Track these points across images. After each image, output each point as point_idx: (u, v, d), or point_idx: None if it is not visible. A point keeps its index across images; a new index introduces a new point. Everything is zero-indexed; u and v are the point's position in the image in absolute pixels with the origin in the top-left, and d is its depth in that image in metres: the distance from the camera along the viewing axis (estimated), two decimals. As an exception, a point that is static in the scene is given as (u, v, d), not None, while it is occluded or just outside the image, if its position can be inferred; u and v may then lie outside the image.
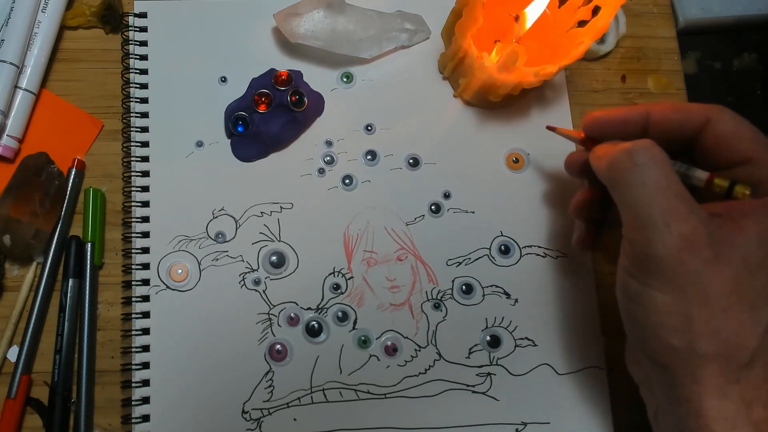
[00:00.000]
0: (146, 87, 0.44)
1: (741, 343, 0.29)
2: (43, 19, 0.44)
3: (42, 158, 0.42)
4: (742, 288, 0.29)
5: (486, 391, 0.42)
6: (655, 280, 0.31)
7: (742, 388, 0.29)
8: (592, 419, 0.42)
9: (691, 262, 0.29)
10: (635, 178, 0.31)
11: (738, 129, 0.33)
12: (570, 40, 0.42)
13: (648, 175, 0.31)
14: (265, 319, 0.42)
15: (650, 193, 0.31)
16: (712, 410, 0.29)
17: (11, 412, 0.39)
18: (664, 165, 0.31)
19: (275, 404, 0.41)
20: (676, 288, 0.30)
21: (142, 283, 0.41)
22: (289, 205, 0.44)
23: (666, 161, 0.31)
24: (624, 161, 0.32)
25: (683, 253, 0.29)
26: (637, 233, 0.31)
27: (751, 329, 0.29)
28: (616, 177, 0.33)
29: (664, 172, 0.31)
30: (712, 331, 0.29)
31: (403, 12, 0.47)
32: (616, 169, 0.33)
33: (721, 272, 0.29)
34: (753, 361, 0.29)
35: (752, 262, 0.30)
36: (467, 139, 0.46)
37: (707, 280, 0.29)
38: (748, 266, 0.29)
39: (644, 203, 0.31)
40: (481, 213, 0.45)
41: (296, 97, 0.43)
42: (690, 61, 0.53)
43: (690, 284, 0.30)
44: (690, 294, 0.30)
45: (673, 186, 0.31)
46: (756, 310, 0.29)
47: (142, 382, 0.40)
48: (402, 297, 0.43)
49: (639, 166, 0.31)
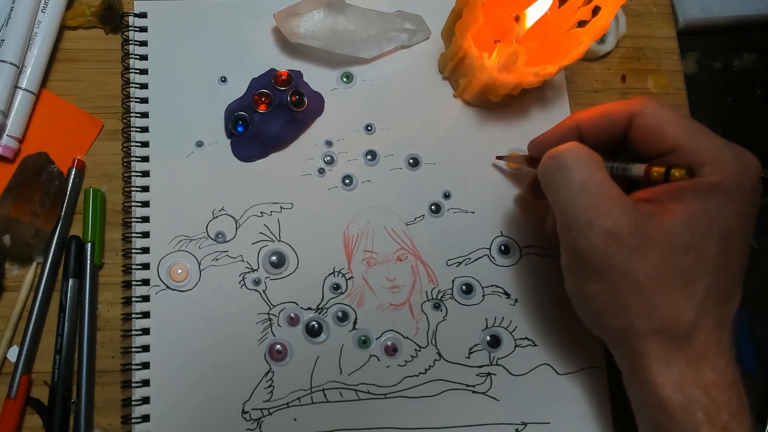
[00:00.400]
0: (146, 87, 0.44)
1: (676, 317, 0.32)
2: (43, 19, 0.44)
3: (42, 158, 0.42)
4: (671, 268, 0.31)
5: (486, 391, 0.42)
6: (588, 273, 0.33)
7: (686, 355, 0.32)
8: (592, 419, 0.42)
9: (616, 254, 0.32)
10: (560, 180, 0.34)
11: (660, 120, 0.34)
12: (570, 41, 0.42)
13: (571, 176, 0.33)
14: (265, 319, 0.42)
15: (574, 193, 0.33)
16: (658, 377, 0.32)
17: (11, 412, 0.39)
18: (588, 164, 0.33)
19: (275, 404, 0.41)
20: (606, 278, 0.33)
21: (142, 283, 0.41)
22: (289, 205, 0.44)
23: (590, 160, 0.33)
24: (550, 165, 0.35)
25: (607, 247, 0.32)
26: (565, 233, 0.34)
27: (685, 304, 0.32)
28: (545, 181, 0.35)
29: (587, 170, 0.33)
30: (646, 311, 0.32)
31: (403, 12, 0.47)
32: (544, 174, 0.35)
33: (647, 258, 0.31)
34: (693, 330, 0.32)
35: (679, 243, 0.31)
36: (467, 139, 0.46)
37: (633, 267, 0.32)
38: (676, 248, 0.31)
39: (569, 203, 0.33)
40: (481, 213, 0.45)
41: (296, 97, 0.43)
42: (690, 61, 0.53)
43: (618, 273, 0.32)
44: (619, 282, 0.32)
45: (596, 183, 0.32)
46: (688, 287, 0.32)
47: (142, 382, 0.40)
48: (402, 297, 0.43)
49: (563, 168, 0.33)
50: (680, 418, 0.32)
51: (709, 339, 0.32)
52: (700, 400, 0.31)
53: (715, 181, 0.31)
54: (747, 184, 0.32)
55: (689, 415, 0.31)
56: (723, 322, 0.32)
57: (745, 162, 0.32)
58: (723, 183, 0.31)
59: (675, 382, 0.32)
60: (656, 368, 0.32)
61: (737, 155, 0.32)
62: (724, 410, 0.31)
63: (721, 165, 0.32)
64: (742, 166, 0.32)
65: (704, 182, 0.32)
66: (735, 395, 0.32)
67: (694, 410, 0.31)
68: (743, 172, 0.32)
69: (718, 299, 0.32)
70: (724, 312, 0.33)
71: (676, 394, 0.32)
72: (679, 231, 0.31)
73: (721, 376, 0.32)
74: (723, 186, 0.31)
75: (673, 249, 0.31)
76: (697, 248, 0.31)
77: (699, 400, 0.31)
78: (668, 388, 0.32)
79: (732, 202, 0.32)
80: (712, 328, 0.32)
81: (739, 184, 0.32)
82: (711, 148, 0.32)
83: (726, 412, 0.31)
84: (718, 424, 0.31)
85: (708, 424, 0.31)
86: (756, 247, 0.50)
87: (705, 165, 0.32)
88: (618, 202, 0.32)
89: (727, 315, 0.33)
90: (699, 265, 0.32)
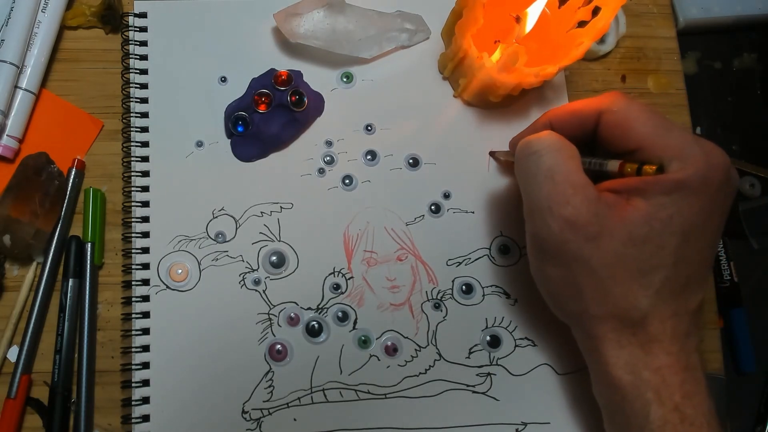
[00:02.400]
0: (146, 87, 0.44)
1: (631, 304, 0.33)
2: (43, 19, 0.44)
3: (42, 158, 0.42)
4: (628, 258, 0.32)
5: (486, 391, 0.42)
6: (547, 257, 0.35)
7: (639, 339, 0.33)
8: (592, 419, 0.42)
9: (573, 241, 0.33)
10: (529, 165, 0.35)
11: (627, 117, 0.34)
12: (570, 41, 0.42)
13: (540, 162, 0.34)
14: (265, 319, 0.42)
15: (539, 180, 0.34)
16: (612, 357, 0.34)
17: (11, 412, 0.39)
18: (559, 151, 0.34)
19: (275, 404, 0.41)
20: (563, 263, 0.34)
21: (142, 283, 0.41)
22: (289, 205, 0.44)
23: (561, 148, 0.34)
24: (522, 151, 0.36)
25: (564, 234, 0.33)
26: (528, 217, 0.35)
27: (641, 292, 0.33)
28: (517, 167, 0.36)
29: (557, 158, 0.34)
30: (600, 297, 0.33)
31: (403, 12, 0.47)
32: (517, 159, 0.36)
33: (604, 246, 0.32)
34: (647, 317, 0.33)
35: (638, 234, 0.32)
36: (467, 139, 0.46)
37: (589, 254, 0.33)
38: (634, 239, 0.32)
39: (534, 189, 0.34)
40: (481, 213, 0.45)
41: (296, 97, 0.43)
42: (690, 61, 0.53)
43: (574, 259, 0.33)
44: (575, 268, 0.33)
45: (563, 171, 0.33)
46: (645, 276, 0.33)
47: (142, 382, 0.40)
48: (402, 297, 0.43)
49: (533, 155, 0.34)
50: (631, 397, 0.33)
51: (664, 326, 0.33)
52: (650, 380, 0.33)
53: (680, 177, 0.32)
54: (714, 180, 0.32)
55: (639, 395, 0.33)
56: (682, 311, 0.33)
57: (712, 158, 0.32)
58: (688, 179, 0.32)
59: (626, 363, 0.33)
60: (609, 350, 0.34)
61: (705, 151, 0.32)
62: (677, 392, 0.32)
63: (688, 162, 0.32)
64: (709, 163, 0.32)
65: (669, 178, 0.32)
66: (690, 379, 0.33)
67: (644, 390, 0.33)
68: (710, 169, 0.32)
69: (677, 290, 0.33)
70: (684, 302, 0.33)
71: (627, 375, 0.33)
72: (638, 223, 0.32)
73: (675, 360, 0.33)
74: (688, 182, 0.32)
75: (631, 240, 0.32)
76: (655, 241, 0.32)
77: (649, 380, 0.33)
78: (619, 369, 0.33)
79: (696, 197, 0.32)
80: (669, 316, 0.33)
81: (705, 180, 0.32)
82: (678, 145, 0.33)
83: (678, 394, 0.32)
84: (669, 404, 0.32)
85: (658, 402, 0.32)
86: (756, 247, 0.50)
87: (672, 161, 0.32)
88: (581, 191, 0.33)
89: (688, 304, 0.34)
90: (657, 257, 0.32)
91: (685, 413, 0.32)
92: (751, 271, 0.50)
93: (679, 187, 0.32)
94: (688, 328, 0.33)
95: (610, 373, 0.34)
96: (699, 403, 0.32)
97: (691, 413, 0.32)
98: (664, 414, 0.32)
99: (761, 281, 0.50)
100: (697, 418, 0.32)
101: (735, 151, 0.52)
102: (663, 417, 0.32)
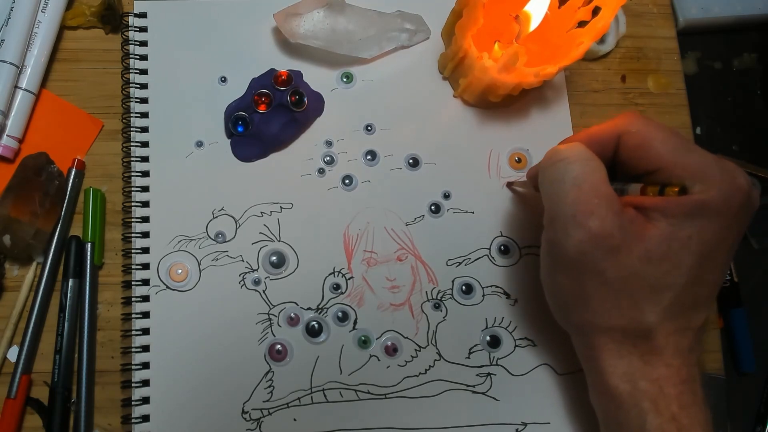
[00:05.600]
0: (146, 87, 0.44)
1: (637, 318, 0.33)
2: (43, 19, 0.44)
3: (42, 158, 0.42)
4: (643, 275, 0.32)
5: (486, 391, 0.42)
6: (560, 265, 0.35)
7: (640, 350, 0.33)
8: (591, 419, 0.42)
9: (591, 252, 0.32)
10: (556, 172, 0.34)
11: (646, 138, 0.34)
12: (570, 41, 0.42)
13: (567, 170, 0.34)
14: (265, 319, 0.42)
15: (566, 187, 0.33)
16: (609, 366, 0.34)
17: (11, 412, 0.39)
18: (587, 162, 0.34)
19: (275, 404, 0.41)
20: (576, 273, 0.34)
21: (142, 283, 0.41)
22: (289, 205, 0.44)
23: (590, 159, 0.34)
24: (550, 157, 0.35)
25: (584, 244, 0.32)
26: (548, 224, 0.35)
27: (649, 308, 0.33)
28: (543, 173, 0.36)
29: (585, 167, 0.33)
30: (607, 309, 0.33)
31: (403, 12, 0.47)
32: (543, 167, 0.36)
33: (620, 260, 0.32)
34: (652, 331, 0.33)
35: (655, 252, 0.32)
36: (467, 139, 0.46)
37: (605, 266, 0.32)
38: (651, 256, 0.32)
39: (559, 196, 0.34)
40: (480, 213, 0.45)
41: (296, 97, 0.43)
42: (690, 61, 0.53)
43: (589, 270, 0.33)
44: (588, 278, 0.33)
45: (591, 181, 0.33)
46: (656, 294, 0.33)
47: (142, 382, 0.40)
48: (402, 297, 0.43)
49: (562, 161, 0.34)
50: (627, 407, 0.33)
51: (667, 340, 0.33)
52: (647, 390, 0.33)
53: (702, 199, 0.32)
54: (734, 202, 0.32)
55: (635, 404, 0.33)
56: (687, 327, 0.33)
57: (734, 181, 0.32)
58: (710, 201, 0.32)
59: (624, 372, 0.33)
60: (607, 359, 0.34)
61: (727, 173, 0.32)
62: (674, 403, 0.32)
63: (711, 183, 0.32)
64: (730, 185, 0.32)
65: (692, 199, 0.32)
66: (689, 391, 0.33)
67: (641, 399, 0.33)
68: (731, 191, 0.32)
69: (686, 308, 0.33)
70: (690, 319, 0.33)
71: (624, 384, 0.33)
72: (657, 242, 0.32)
73: (675, 372, 0.33)
74: (710, 203, 0.32)
75: (648, 257, 0.32)
76: (672, 260, 0.32)
77: (647, 390, 0.33)
78: (617, 378, 0.33)
79: (717, 219, 0.32)
80: (673, 331, 0.33)
81: (727, 202, 0.32)
82: (700, 166, 0.33)
83: (676, 405, 0.32)
84: (666, 414, 0.32)
85: (655, 412, 0.32)
86: (756, 247, 0.50)
87: (695, 182, 0.32)
88: (607, 202, 0.32)
89: (694, 321, 0.33)
90: (671, 276, 0.32)
91: (682, 423, 0.32)
92: (751, 271, 0.50)
93: (700, 209, 0.32)
94: (691, 344, 0.33)
95: (607, 382, 0.34)
96: (695, 413, 0.32)
97: (688, 423, 0.32)
98: (660, 424, 0.32)
99: (761, 281, 0.50)
100: (694, 428, 0.32)
101: (735, 151, 0.52)
102: (660, 427, 0.32)
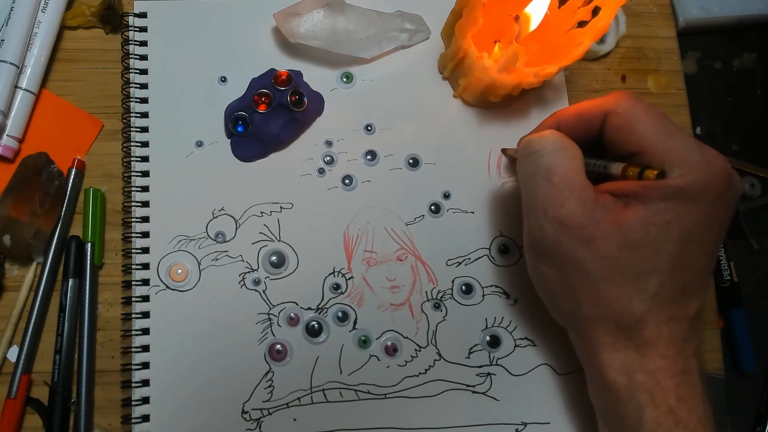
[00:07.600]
0: (146, 87, 0.44)
1: (625, 308, 0.33)
2: (43, 19, 0.44)
3: (42, 158, 0.42)
4: (623, 262, 0.32)
5: (486, 391, 0.42)
6: (541, 257, 0.35)
7: (635, 342, 0.33)
8: (591, 419, 0.42)
9: (566, 242, 0.33)
10: (529, 165, 0.35)
11: (631, 119, 0.34)
12: (570, 41, 0.42)
13: (539, 162, 0.34)
14: (265, 319, 0.42)
15: (538, 180, 0.34)
16: (606, 360, 0.34)
17: (11, 412, 0.39)
18: (560, 152, 0.34)
19: (275, 404, 0.41)
20: (557, 263, 0.34)
21: (142, 283, 0.41)
22: (289, 205, 0.44)
23: (563, 148, 0.34)
24: (523, 150, 0.36)
25: (558, 235, 0.33)
26: (525, 216, 0.35)
27: (636, 296, 0.33)
28: (518, 166, 0.36)
29: (555, 159, 0.34)
30: (594, 299, 0.33)
31: (403, 12, 0.47)
32: (518, 158, 0.36)
33: (598, 249, 0.32)
34: (642, 321, 0.33)
35: (634, 239, 0.32)
36: (467, 139, 0.46)
37: (582, 256, 0.33)
38: (629, 243, 0.32)
39: (532, 189, 0.34)
40: (480, 213, 0.45)
41: (296, 97, 0.43)
42: (690, 61, 0.53)
43: (568, 260, 0.33)
44: (569, 268, 0.33)
45: (562, 172, 0.33)
46: (640, 281, 0.32)
47: (142, 382, 0.40)
48: (402, 297, 0.43)
49: (534, 154, 0.34)
50: (625, 400, 0.33)
51: (660, 330, 0.33)
52: (644, 383, 0.33)
53: (680, 183, 0.32)
54: (714, 188, 0.32)
55: (633, 397, 0.33)
56: (679, 316, 0.33)
57: (713, 166, 0.32)
58: (688, 186, 0.32)
59: (621, 365, 0.33)
60: (603, 352, 0.34)
61: (706, 159, 0.32)
62: (671, 395, 0.32)
63: (689, 168, 0.32)
64: (709, 171, 0.32)
65: (668, 184, 0.32)
66: (686, 383, 0.33)
67: (638, 392, 0.33)
68: (710, 177, 0.32)
69: (675, 295, 0.33)
70: (682, 307, 0.33)
71: (621, 377, 0.33)
72: (635, 228, 0.32)
73: (671, 364, 0.33)
74: (687, 189, 0.32)
75: (626, 244, 0.32)
76: (651, 246, 0.32)
77: (643, 383, 0.33)
78: (614, 371, 0.33)
79: (696, 205, 0.32)
80: (665, 320, 0.33)
81: (705, 188, 0.32)
82: (680, 151, 0.32)
83: (673, 397, 0.32)
84: (663, 407, 0.32)
85: (652, 405, 0.32)
86: (756, 247, 0.50)
87: (673, 167, 0.32)
88: (577, 193, 0.32)
89: (686, 310, 0.33)
90: (653, 262, 0.32)
91: (680, 416, 0.32)
92: (751, 271, 0.50)
93: (678, 194, 0.32)
94: (686, 334, 0.33)
95: (605, 375, 0.34)
96: (694, 406, 0.32)
97: (686, 416, 0.32)
98: (658, 416, 0.32)
99: (761, 281, 0.50)
100: (692, 421, 0.32)
101: (735, 151, 0.52)
102: (657, 419, 0.32)
